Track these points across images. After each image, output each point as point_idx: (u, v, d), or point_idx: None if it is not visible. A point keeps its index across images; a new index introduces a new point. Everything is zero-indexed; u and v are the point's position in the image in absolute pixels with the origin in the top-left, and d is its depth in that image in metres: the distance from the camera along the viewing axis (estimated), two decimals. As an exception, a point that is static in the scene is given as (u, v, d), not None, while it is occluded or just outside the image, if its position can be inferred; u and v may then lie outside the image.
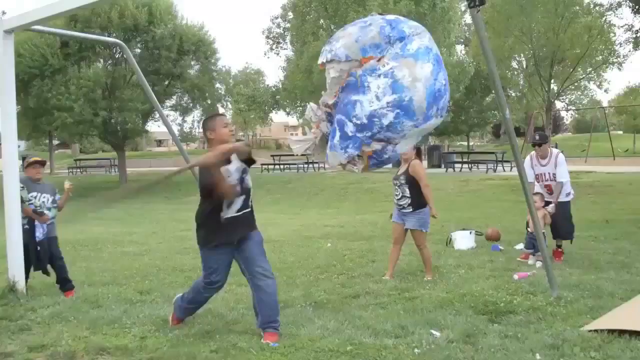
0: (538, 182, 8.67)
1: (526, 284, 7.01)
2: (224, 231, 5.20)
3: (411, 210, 7.50)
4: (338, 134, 5.21)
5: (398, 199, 7.61)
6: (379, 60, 5.10)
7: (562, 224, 8.56)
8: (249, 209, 5.36)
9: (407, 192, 7.51)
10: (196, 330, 5.51)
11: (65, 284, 7.27)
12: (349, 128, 5.11)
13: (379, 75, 5.01)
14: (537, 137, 8.77)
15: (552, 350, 4.64)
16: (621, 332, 4.83)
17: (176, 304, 5.77)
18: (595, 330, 4.98)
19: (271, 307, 5.24)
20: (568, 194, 8.66)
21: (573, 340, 4.81)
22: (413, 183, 7.50)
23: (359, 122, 5.04)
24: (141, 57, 27.37)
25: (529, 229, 8.41)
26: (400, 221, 7.69)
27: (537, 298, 6.32)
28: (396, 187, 7.64)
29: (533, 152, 8.73)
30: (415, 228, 7.55)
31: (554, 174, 8.57)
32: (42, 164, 7.31)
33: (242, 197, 5.25)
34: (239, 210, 5.23)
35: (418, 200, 7.49)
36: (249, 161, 5.25)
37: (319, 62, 5.40)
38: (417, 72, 4.99)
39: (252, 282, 5.33)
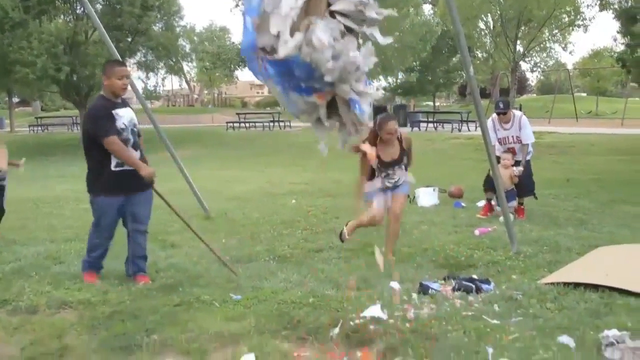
0: (501, 145, 8.70)
1: (487, 239, 7.13)
2: (120, 181, 5.47)
3: (404, 179, 6.58)
4: None
5: (395, 182, 6.49)
6: None
7: (525, 182, 8.67)
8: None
9: (404, 169, 6.52)
10: (159, 284, 5.52)
11: None
12: None
13: None
14: (501, 106, 8.65)
15: (509, 302, 4.73)
16: (576, 285, 4.95)
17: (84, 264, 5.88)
18: (552, 283, 5.10)
19: (144, 258, 5.86)
20: (529, 153, 8.79)
21: (530, 293, 4.91)
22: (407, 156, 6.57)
23: None
24: (103, 13, 26.71)
25: None
26: (383, 207, 6.48)
27: (497, 253, 6.45)
28: (390, 172, 6.44)
29: (495, 115, 8.74)
30: (407, 192, 6.87)
31: (517, 137, 8.63)
32: None
33: (137, 153, 5.56)
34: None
35: (407, 167, 6.62)
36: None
37: None
38: None
39: (133, 235, 5.77)
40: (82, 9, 26.64)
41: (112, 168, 5.42)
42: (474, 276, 5.46)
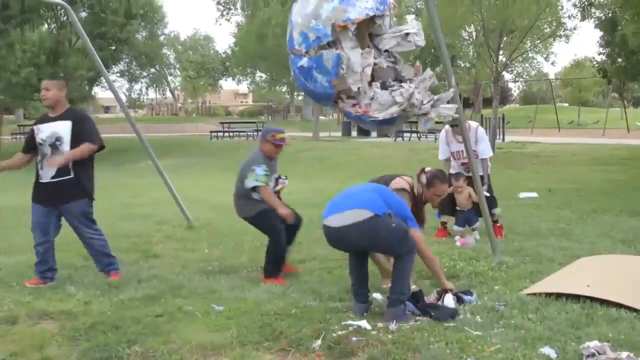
0: (455, 159, 8.15)
1: (469, 250, 7.15)
2: (42, 192, 5.94)
3: None
4: None
5: None
6: None
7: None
8: (70, 177, 5.85)
9: None
10: (141, 294, 5.48)
11: None
12: None
13: None
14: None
15: (491, 313, 4.75)
16: (558, 296, 4.98)
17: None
18: (534, 294, 5.13)
19: (105, 255, 6.10)
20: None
21: (512, 304, 4.93)
22: None
23: None
24: (86, 21, 26.66)
25: (457, 207, 8.16)
26: None
27: (480, 263, 6.45)
28: None
29: (448, 127, 8.10)
30: None
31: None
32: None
33: (47, 170, 5.84)
34: (53, 177, 5.84)
35: None
36: None
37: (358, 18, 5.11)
38: None
39: (82, 241, 6.15)
40: (65, 16, 26.55)
41: (39, 179, 5.95)
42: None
